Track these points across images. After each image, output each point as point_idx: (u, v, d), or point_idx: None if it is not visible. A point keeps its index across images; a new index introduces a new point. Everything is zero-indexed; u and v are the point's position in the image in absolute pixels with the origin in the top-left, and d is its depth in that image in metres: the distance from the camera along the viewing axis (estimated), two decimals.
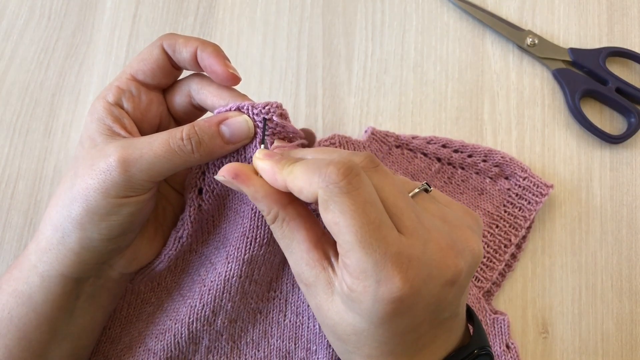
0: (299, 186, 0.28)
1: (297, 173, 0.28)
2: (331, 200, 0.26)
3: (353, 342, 0.29)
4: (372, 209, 0.27)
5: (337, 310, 0.29)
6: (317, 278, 0.30)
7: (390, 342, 0.29)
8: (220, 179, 0.32)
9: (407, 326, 0.28)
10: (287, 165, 0.29)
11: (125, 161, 0.31)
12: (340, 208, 0.26)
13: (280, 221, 0.31)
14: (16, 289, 0.34)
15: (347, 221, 0.26)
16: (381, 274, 0.26)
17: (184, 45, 0.34)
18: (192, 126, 0.33)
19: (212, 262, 0.39)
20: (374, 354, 0.30)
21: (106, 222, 0.32)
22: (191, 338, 0.38)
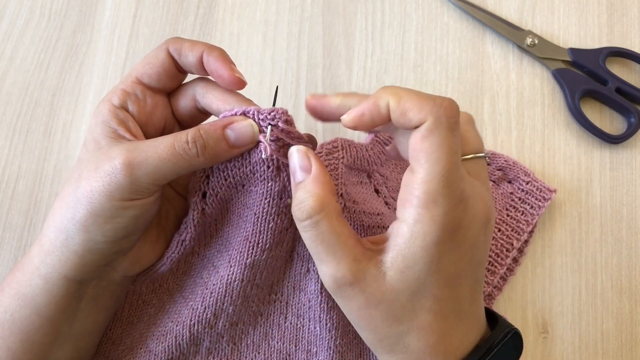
0: (406, 108, 0.29)
1: (406, 96, 0.29)
2: (437, 131, 0.28)
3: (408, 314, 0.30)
4: (459, 155, 0.29)
5: (392, 285, 0.30)
6: (366, 270, 0.30)
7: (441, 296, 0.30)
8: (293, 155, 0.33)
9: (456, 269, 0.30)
10: (385, 91, 0.30)
11: (131, 164, 0.31)
12: (441, 142, 0.28)
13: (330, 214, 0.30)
14: (19, 292, 0.34)
15: (443, 156, 0.28)
16: (449, 206, 0.29)
17: (190, 49, 0.34)
18: (198, 130, 0.33)
19: (214, 265, 0.39)
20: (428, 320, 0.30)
21: (110, 225, 0.33)
22: (192, 340, 0.38)
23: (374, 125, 0.31)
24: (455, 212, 0.29)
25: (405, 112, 0.29)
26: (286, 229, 0.38)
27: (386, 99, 0.29)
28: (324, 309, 0.39)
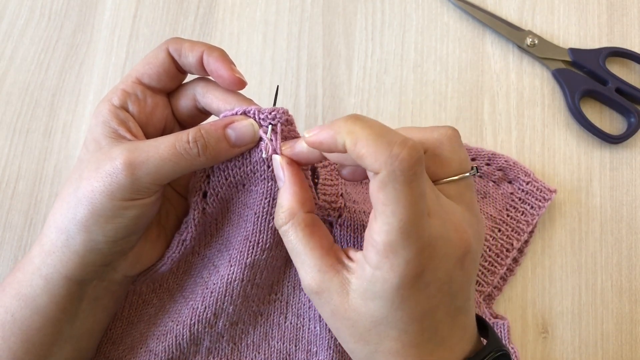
0: (361, 154, 0.27)
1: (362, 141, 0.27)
2: (391, 185, 0.26)
3: (374, 338, 0.30)
4: (423, 202, 0.27)
5: (355, 307, 0.30)
6: (330, 282, 0.30)
7: (410, 330, 0.29)
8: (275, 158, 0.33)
9: (425, 307, 0.29)
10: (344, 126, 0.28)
11: (132, 164, 0.32)
12: (396, 195, 0.26)
13: (296, 225, 0.31)
14: (20, 292, 0.34)
15: (398, 209, 0.27)
16: (410, 255, 0.27)
17: (190, 50, 0.35)
18: (199, 129, 0.33)
19: (215, 265, 0.39)
20: (396, 347, 0.30)
21: (111, 225, 0.33)
22: (192, 339, 0.38)
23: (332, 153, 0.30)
24: (419, 259, 0.28)
25: (361, 157, 0.27)
26: None
27: (342, 138, 0.28)
28: None
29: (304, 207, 0.32)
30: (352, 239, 0.40)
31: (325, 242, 0.31)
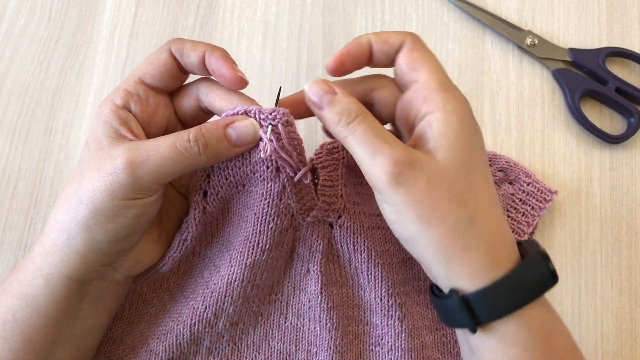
0: (385, 37, 0.34)
1: (381, 32, 0.35)
2: (420, 44, 0.34)
3: (470, 195, 0.31)
4: None
5: (445, 164, 0.31)
6: (416, 154, 0.31)
7: (485, 172, 0.32)
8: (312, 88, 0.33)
9: (483, 146, 0.33)
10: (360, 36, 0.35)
11: (132, 163, 0.32)
12: (426, 49, 0.34)
13: (367, 116, 0.32)
14: (21, 292, 0.34)
15: (433, 57, 0.34)
16: (459, 92, 0.33)
17: (192, 50, 0.35)
18: (199, 129, 0.33)
19: (215, 265, 0.39)
20: (487, 203, 0.32)
21: (112, 224, 0.33)
22: (192, 339, 0.38)
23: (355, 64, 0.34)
24: (465, 100, 0.33)
25: (386, 40, 0.34)
26: (286, 230, 0.38)
27: (366, 37, 0.34)
28: (324, 309, 0.39)
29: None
30: (352, 240, 0.40)
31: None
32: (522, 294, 0.30)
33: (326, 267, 0.40)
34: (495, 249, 0.31)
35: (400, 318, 0.39)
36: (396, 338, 0.39)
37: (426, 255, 0.32)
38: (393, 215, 0.32)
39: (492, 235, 0.31)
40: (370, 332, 0.40)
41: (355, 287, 0.41)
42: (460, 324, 0.31)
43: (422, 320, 0.41)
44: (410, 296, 0.41)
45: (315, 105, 0.33)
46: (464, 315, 0.30)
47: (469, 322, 0.31)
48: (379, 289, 0.40)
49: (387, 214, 0.32)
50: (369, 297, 0.40)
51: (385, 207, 0.32)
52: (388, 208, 0.32)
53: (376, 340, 0.40)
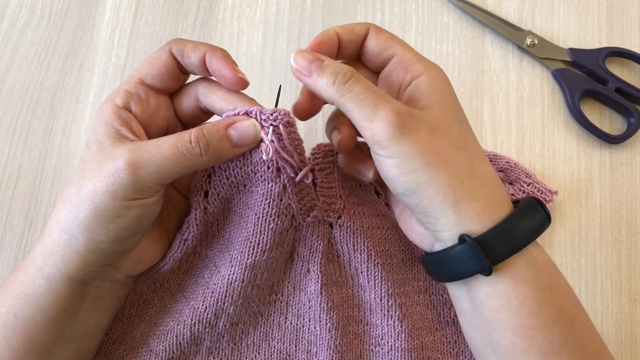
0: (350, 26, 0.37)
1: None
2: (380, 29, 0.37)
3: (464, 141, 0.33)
4: None
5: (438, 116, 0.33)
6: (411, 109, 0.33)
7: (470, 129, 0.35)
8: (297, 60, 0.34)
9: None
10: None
11: (134, 164, 0.32)
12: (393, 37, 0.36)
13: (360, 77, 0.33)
14: (22, 292, 0.34)
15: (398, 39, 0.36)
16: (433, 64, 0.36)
17: (193, 50, 0.35)
18: (201, 129, 0.33)
19: (216, 265, 0.40)
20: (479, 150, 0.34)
21: (113, 225, 0.33)
22: (193, 339, 0.38)
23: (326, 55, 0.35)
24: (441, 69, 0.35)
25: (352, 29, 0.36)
26: (286, 230, 0.38)
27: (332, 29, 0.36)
28: (323, 308, 0.39)
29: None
30: (351, 240, 0.40)
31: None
32: (527, 233, 0.32)
33: (326, 267, 0.40)
34: (496, 191, 0.33)
35: (400, 318, 0.39)
36: (396, 338, 0.39)
37: (434, 203, 0.32)
38: (397, 169, 0.32)
39: (491, 179, 0.33)
40: (370, 332, 0.40)
41: (355, 287, 0.41)
42: (472, 271, 0.32)
43: (422, 321, 0.41)
44: (410, 296, 0.41)
45: (303, 75, 0.34)
46: (478, 258, 0.31)
47: (484, 264, 0.31)
48: (378, 289, 0.40)
49: (390, 169, 0.32)
50: (369, 297, 0.40)
51: (388, 162, 0.32)
52: (391, 162, 0.32)
53: (376, 340, 0.40)
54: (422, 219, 0.33)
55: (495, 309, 0.32)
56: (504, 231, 0.31)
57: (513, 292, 0.32)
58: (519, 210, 0.32)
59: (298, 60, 0.34)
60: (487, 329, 0.33)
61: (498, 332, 0.32)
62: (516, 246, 0.32)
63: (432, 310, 0.42)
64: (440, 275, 0.35)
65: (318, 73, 0.33)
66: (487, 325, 0.33)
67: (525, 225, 0.32)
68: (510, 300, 0.32)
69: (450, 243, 0.33)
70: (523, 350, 0.32)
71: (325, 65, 0.33)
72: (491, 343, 0.33)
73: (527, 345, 0.32)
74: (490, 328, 0.33)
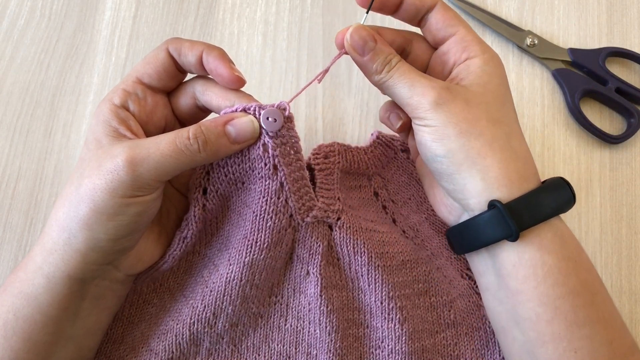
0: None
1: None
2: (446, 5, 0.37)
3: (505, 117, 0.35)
4: None
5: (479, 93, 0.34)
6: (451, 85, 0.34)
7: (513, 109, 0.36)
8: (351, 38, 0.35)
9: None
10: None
11: (133, 161, 0.32)
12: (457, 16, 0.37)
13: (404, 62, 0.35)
14: (22, 291, 0.34)
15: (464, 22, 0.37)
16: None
17: (190, 49, 0.35)
18: (199, 126, 0.33)
19: (215, 264, 0.40)
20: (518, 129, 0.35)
21: (113, 223, 0.33)
22: (192, 339, 0.38)
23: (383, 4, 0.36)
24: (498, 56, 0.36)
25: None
26: (284, 229, 0.38)
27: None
28: (323, 312, 0.39)
29: None
30: (351, 242, 0.40)
31: None
32: (553, 206, 0.33)
33: (326, 270, 0.40)
34: (528, 166, 0.34)
35: (401, 321, 0.39)
36: (396, 341, 0.39)
37: (463, 169, 0.34)
38: (431, 135, 0.34)
39: (524, 155, 0.34)
40: (371, 335, 0.40)
41: (355, 290, 0.41)
42: (500, 236, 0.33)
43: (423, 324, 0.41)
44: (411, 299, 0.41)
45: (356, 52, 0.35)
46: (506, 223, 0.32)
47: (512, 229, 0.32)
48: (379, 291, 0.40)
49: (424, 135, 0.34)
50: (369, 300, 0.40)
51: (425, 130, 0.34)
52: (427, 130, 0.34)
53: (376, 344, 0.40)
54: (449, 187, 0.35)
55: (521, 279, 0.33)
56: (532, 201, 0.33)
57: (539, 261, 0.33)
58: (546, 185, 0.34)
59: (355, 38, 0.35)
60: (512, 301, 0.34)
61: (524, 303, 0.33)
62: (543, 216, 0.33)
63: (433, 313, 0.41)
64: (466, 245, 0.36)
65: (370, 57, 0.35)
66: (512, 297, 0.34)
67: (552, 198, 0.33)
68: (536, 269, 0.33)
69: (477, 211, 0.34)
70: (548, 321, 0.32)
71: (378, 50, 0.35)
72: (515, 317, 0.34)
73: (552, 315, 0.32)
74: (515, 300, 0.34)
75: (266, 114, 0.35)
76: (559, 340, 0.32)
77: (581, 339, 0.32)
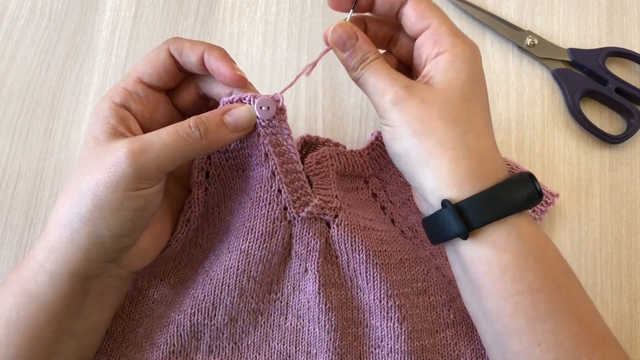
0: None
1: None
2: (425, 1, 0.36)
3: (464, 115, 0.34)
4: None
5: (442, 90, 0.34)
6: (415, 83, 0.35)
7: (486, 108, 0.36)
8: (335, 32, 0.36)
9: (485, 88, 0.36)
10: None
11: (135, 151, 0.32)
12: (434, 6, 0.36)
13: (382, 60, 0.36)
14: (25, 289, 0.34)
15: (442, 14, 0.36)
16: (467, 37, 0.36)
17: (191, 49, 0.35)
18: (199, 117, 0.34)
19: (216, 254, 0.40)
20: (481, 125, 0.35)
21: (115, 218, 0.33)
22: (193, 331, 0.39)
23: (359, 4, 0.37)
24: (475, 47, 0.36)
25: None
26: (279, 221, 0.39)
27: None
28: (322, 310, 0.39)
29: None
30: (349, 239, 0.40)
31: None
32: (509, 205, 0.33)
33: (324, 267, 0.40)
34: (483, 164, 0.34)
35: (400, 320, 0.39)
36: (396, 340, 0.39)
37: (417, 168, 0.34)
38: (390, 135, 0.35)
39: (481, 153, 0.34)
40: (370, 334, 0.40)
41: (354, 288, 0.41)
42: (452, 233, 0.33)
43: (422, 323, 0.41)
44: (410, 298, 0.41)
45: (338, 48, 0.36)
46: (456, 222, 0.33)
47: (461, 228, 0.33)
48: (377, 290, 0.40)
49: (385, 135, 0.36)
50: (368, 298, 0.40)
51: (385, 129, 0.35)
52: (387, 129, 0.35)
53: (376, 343, 0.40)
54: (412, 183, 0.36)
55: (480, 274, 0.33)
56: (484, 200, 0.33)
57: (495, 258, 0.33)
58: (504, 183, 0.33)
59: (336, 34, 0.36)
60: (476, 294, 0.34)
61: (486, 297, 0.34)
62: (494, 215, 0.33)
63: (432, 312, 0.41)
64: (432, 237, 0.36)
65: (349, 53, 0.36)
66: (476, 290, 0.34)
67: (509, 196, 0.33)
68: (493, 266, 0.33)
69: (436, 207, 0.34)
70: (509, 316, 0.33)
71: (357, 47, 0.36)
72: (481, 308, 0.34)
73: (513, 310, 0.33)
74: (479, 293, 0.34)
75: (260, 103, 0.36)
76: (522, 333, 0.33)
77: (544, 333, 0.32)
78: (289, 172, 0.38)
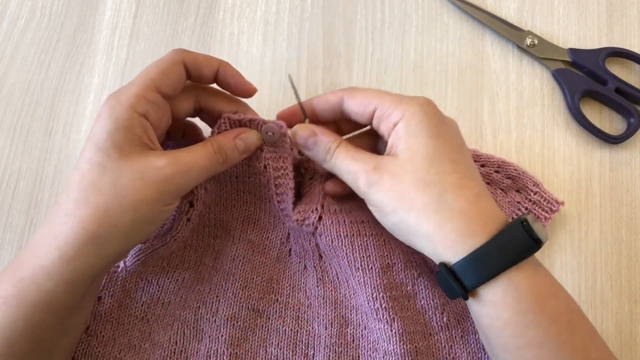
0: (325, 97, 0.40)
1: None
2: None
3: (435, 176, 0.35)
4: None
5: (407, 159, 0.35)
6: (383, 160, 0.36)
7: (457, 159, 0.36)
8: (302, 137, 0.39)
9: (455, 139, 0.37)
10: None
11: (180, 172, 0.34)
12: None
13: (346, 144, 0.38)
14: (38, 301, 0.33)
15: (376, 92, 0.39)
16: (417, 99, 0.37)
17: (206, 65, 0.37)
18: (216, 141, 0.37)
19: (215, 250, 0.42)
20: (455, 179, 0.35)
21: (148, 229, 0.35)
22: (195, 328, 0.39)
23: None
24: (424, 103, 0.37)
25: (327, 99, 0.39)
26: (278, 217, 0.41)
27: (308, 102, 0.40)
28: (321, 304, 0.40)
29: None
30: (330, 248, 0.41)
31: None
32: (503, 259, 0.33)
33: (322, 265, 0.41)
34: (471, 221, 0.34)
35: (389, 322, 0.39)
36: (388, 342, 0.39)
37: (410, 238, 0.36)
38: (377, 214, 0.37)
39: (464, 210, 0.34)
40: (368, 336, 0.41)
41: (350, 289, 0.41)
42: (456, 293, 0.34)
43: (414, 325, 0.41)
44: (399, 301, 0.41)
45: (303, 147, 0.39)
46: (454, 284, 0.34)
47: (459, 291, 0.34)
48: (364, 292, 0.40)
49: (374, 214, 0.37)
50: (361, 300, 0.40)
51: (372, 208, 0.37)
52: (373, 209, 0.37)
53: (373, 346, 0.40)
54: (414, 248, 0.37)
55: (485, 327, 0.35)
56: (475, 261, 0.33)
57: (494, 315, 0.34)
58: (494, 239, 0.34)
59: (297, 137, 0.39)
60: (486, 342, 0.36)
61: (493, 346, 0.35)
62: (487, 275, 0.33)
63: (424, 315, 0.41)
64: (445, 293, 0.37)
65: (314, 149, 0.39)
66: (485, 339, 0.36)
67: (500, 253, 0.33)
68: (494, 321, 0.34)
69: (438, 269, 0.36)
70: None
71: (318, 142, 0.38)
72: (492, 352, 0.36)
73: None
74: (487, 342, 0.36)
75: (266, 129, 0.38)
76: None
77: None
78: (279, 186, 0.40)
